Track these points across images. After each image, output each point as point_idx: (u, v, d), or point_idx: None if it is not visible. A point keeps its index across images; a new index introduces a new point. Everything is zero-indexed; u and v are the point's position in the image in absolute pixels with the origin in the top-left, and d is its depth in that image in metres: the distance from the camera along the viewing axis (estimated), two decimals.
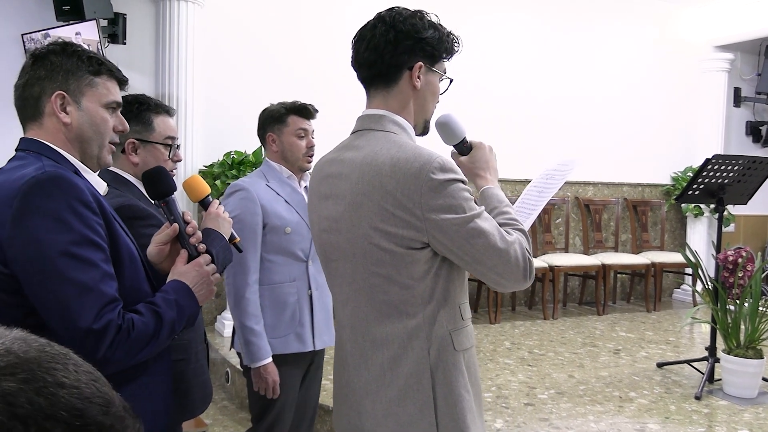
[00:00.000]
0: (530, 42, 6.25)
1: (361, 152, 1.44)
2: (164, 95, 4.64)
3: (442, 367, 1.40)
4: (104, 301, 1.26)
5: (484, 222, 1.36)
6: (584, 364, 4.37)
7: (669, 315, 6.06)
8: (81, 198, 1.28)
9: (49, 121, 1.38)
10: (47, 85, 1.37)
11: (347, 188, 1.43)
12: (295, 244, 2.42)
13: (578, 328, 5.43)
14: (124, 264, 1.36)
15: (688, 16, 6.88)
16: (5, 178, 1.31)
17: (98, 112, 1.42)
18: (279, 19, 5.25)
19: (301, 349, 2.44)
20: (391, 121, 1.47)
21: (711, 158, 3.87)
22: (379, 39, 1.44)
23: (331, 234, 1.49)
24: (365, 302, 1.44)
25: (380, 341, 1.43)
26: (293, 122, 2.46)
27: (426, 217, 1.34)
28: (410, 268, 1.38)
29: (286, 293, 2.42)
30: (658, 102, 6.81)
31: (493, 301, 5.60)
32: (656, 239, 6.76)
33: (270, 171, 2.49)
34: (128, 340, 1.28)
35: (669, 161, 6.88)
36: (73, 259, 1.24)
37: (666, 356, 4.57)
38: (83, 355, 1.24)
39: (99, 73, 1.42)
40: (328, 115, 3.17)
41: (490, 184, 1.58)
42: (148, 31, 4.76)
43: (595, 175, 6.53)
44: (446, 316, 1.42)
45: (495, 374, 4.09)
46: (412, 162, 1.35)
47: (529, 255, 1.41)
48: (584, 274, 6.27)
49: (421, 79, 1.47)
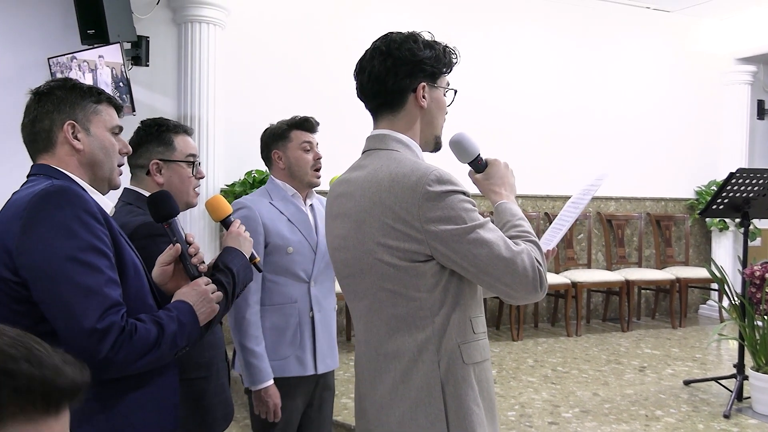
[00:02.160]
0: (551, 57, 6.25)
1: (364, 171, 1.49)
2: (186, 116, 4.72)
3: (452, 380, 1.41)
4: (108, 303, 1.31)
5: (487, 232, 1.37)
6: (609, 381, 4.32)
7: (695, 331, 5.97)
8: (87, 209, 1.35)
9: (61, 149, 1.48)
10: (56, 117, 1.47)
11: (352, 206, 1.48)
12: (297, 264, 2.37)
13: (602, 345, 5.37)
14: (128, 275, 1.42)
15: (710, 29, 6.84)
16: (18, 196, 1.41)
17: (106, 137, 1.53)
18: (299, 40, 5.32)
19: (301, 372, 2.36)
20: (394, 140, 1.50)
21: (735, 172, 3.83)
22: (379, 69, 1.49)
23: (341, 252, 1.53)
24: (376, 317, 1.47)
25: (392, 355, 1.45)
26: (296, 137, 2.44)
27: (425, 229, 1.36)
28: (416, 281, 1.40)
29: (288, 314, 2.36)
30: (680, 115, 6.76)
31: (516, 318, 5.56)
32: (681, 254, 6.68)
33: (274, 189, 2.45)
34: (130, 343, 1.32)
35: (692, 175, 6.81)
36: (79, 263, 1.30)
37: (693, 374, 4.50)
38: (86, 355, 1.29)
39: (100, 101, 1.53)
40: (353, 132, 3.19)
41: (504, 200, 1.59)
42: (171, 54, 4.85)
43: (617, 189, 6.47)
44: (456, 329, 1.42)
45: (518, 392, 4.06)
46: (408, 176, 1.38)
47: (539, 265, 1.40)
48: (608, 290, 6.21)
49: (427, 98, 1.51)
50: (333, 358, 2.46)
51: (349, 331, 5.26)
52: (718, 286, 4.19)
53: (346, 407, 3.67)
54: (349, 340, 5.23)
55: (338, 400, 3.76)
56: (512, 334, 5.52)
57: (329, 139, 5.30)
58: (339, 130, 4.35)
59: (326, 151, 2.50)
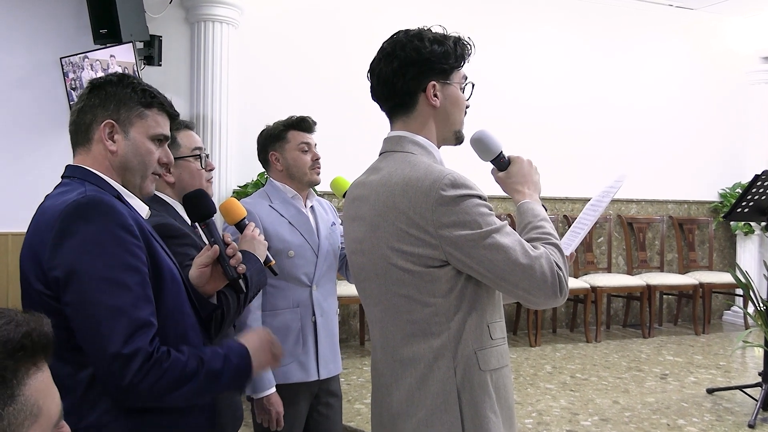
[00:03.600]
0: (571, 54, 6.23)
1: (379, 174, 1.49)
2: (199, 116, 4.75)
3: (469, 387, 1.41)
4: (136, 325, 1.27)
5: (503, 237, 1.36)
6: (629, 389, 4.29)
7: (719, 338, 5.92)
8: (120, 221, 1.32)
9: (96, 147, 1.45)
10: (99, 113, 1.45)
11: (367, 210, 1.49)
12: (298, 268, 2.35)
13: (623, 352, 5.34)
14: (165, 285, 1.39)
15: (734, 27, 6.78)
16: (51, 203, 1.38)
17: (144, 143, 1.48)
18: (316, 37, 5.32)
19: (304, 378, 2.34)
20: (410, 142, 1.50)
21: (761, 174, 3.80)
22: (386, 72, 1.49)
23: (357, 255, 1.54)
24: (392, 322, 1.47)
25: (408, 361, 1.45)
26: (293, 137, 2.43)
27: (439, 234, 1.36)
28: (431, 286, 1.40)
29: (289, 319, 2.34)
30: (703, 115, 6.71)
31: (533, 323, 5.54)
32: (704, 259, 6.63)
33: (274, 191, 2.43)
34: (159, 370, 1.28)
35: (716, 177, 6.75)
36: (108, 282, 1.27)
37: (716, 382, 4.46)
38: (110, 380, 1.25)
39: (150, 106, 1.49)
40: (376, 131, 3.19)
41: (527, 199, 1.57)
42: (184, 53, 4.88)
43: (638, 192, 6.43)
44: (472, 335, 1.42)
45: (536, 399, 4.04)
46: (422, 180, 1.38)
47: (559, 269, 1.39)
48: (628, 295, 6.17)
49: (439, 96, 1.50)
50: (336, 363, 2.46)
51: (363, 335, 5.26)
52: (743, 292, 4.15)
53: (359, 413, 3.67)
54: (363, 345, 5.23)
55: (351, 406, 3.76)
56: (530, 340, 5.50)
57: (352, 138, 5.33)
58: (363, 129, 4.33)
59: (348, 151, 2.51)
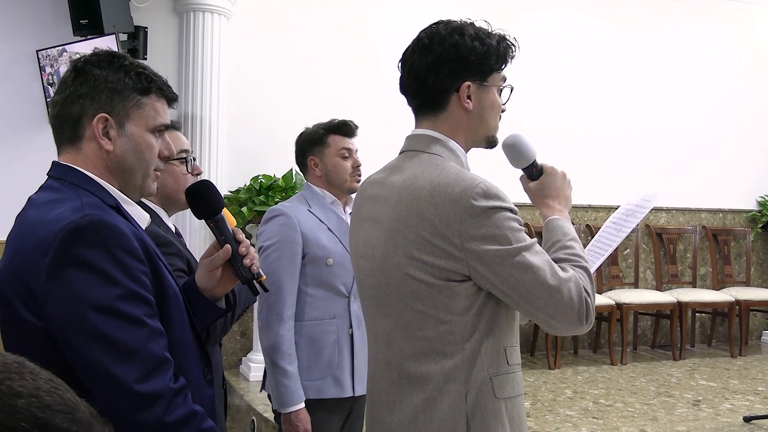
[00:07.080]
0: (597, 51, 6.22)
1: (402, 175, 1.48)
2: (187, 114, 4.73)
3: (480, 415, 1.40)
4: (152, 363, 1.23)
5: (533, 256, 1.36)
6: (658, 416, 4.25)
7: (757, 361, 5.89)
8: (124, 245, 1.24)
9: (88, 146, 1.34)
10: (89, 105, 1.32)
11: (386, 213, 1.47)
12: (337, 277, 2.41)
13: (651, 375, 5.31)
14: (171, 314, 1.34)
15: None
16: (39, 215, 1.28)
17: (144, 138, 1.37)
18: (314, 30, 5.31)
19: (339, 394, 2.39)
20: (438, 143, 1.49)
21: None
22: (419, 65, 1.48)
23: (367, 260, 1.54)
24: (401, 337, 1.46)
25: (415, 380, 1.44)
26: (334, 142, 2.48)
27: (465, 246, 1.35)
28: (449, 302, 1.39)
29: (325, 332, 2.39)
30: (741, 117, 6.68)
31: (552, 344, 5.50)
32: (741, 273, 6.59)
33: (312, 196, 2.50)
34: (185, 403, 1.25)
35: (754, 184, 6.74)
36: (116, 316, 1.21)
37: (754, 409, 4.41)
38: (138, 425, 1.19)
39: (148, 92, 1.37)
40: (371, 135, 3.19)
41: (557, 215, 1.57)
42: (171, 46, 4.88)
43: (668, 200, 6.39)
44: (488, 359, 1.41)
45: (554, 427, 4.01)
46: (452, 186, 1.37)
47: (587, 295, 1.39)
48: (657, 312, 6.14)
49: (472, 99, 1.49)
50: None
51: None
52: None
53: None
54: None
55: None
56: (548, 362, 5.47)
57: None
58: (363, 127, 4.29)
59: None
